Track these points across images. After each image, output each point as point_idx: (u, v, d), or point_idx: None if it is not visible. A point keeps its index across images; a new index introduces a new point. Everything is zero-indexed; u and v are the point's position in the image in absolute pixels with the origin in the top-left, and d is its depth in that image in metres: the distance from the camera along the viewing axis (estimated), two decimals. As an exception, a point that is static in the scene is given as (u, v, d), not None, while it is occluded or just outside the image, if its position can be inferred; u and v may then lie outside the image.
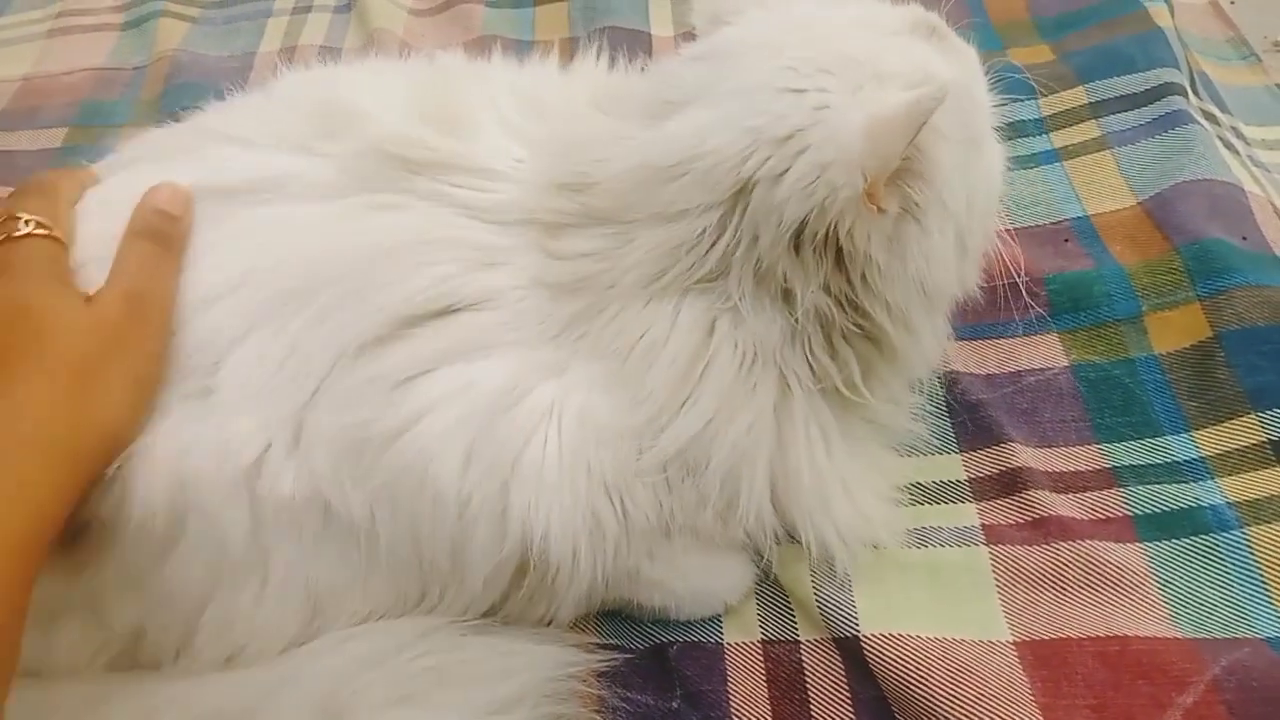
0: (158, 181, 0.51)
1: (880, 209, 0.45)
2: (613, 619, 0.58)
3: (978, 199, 0.51)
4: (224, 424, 0.46)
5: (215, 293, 0.48)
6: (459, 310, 0.47)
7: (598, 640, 0.57)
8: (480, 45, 0.96)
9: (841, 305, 0.49)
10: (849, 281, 0.48)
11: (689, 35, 0.96)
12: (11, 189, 0.54)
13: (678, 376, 0.47)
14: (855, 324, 0.50)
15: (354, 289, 0.46)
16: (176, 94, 0.95)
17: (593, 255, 0.48)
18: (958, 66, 0.51)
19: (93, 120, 0.98)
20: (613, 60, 0.60)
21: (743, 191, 0.46)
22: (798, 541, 0.53)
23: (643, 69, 0.59)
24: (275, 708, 0.48)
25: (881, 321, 0.49)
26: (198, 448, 0.45)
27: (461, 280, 0.47)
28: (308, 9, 1.09)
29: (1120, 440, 0.61)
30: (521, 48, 0.60)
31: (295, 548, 0.48)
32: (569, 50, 0.76)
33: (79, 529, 0.46)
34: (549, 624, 0.54)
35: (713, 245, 0.47)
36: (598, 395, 0.47)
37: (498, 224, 0.49)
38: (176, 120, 0.60)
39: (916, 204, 0.47)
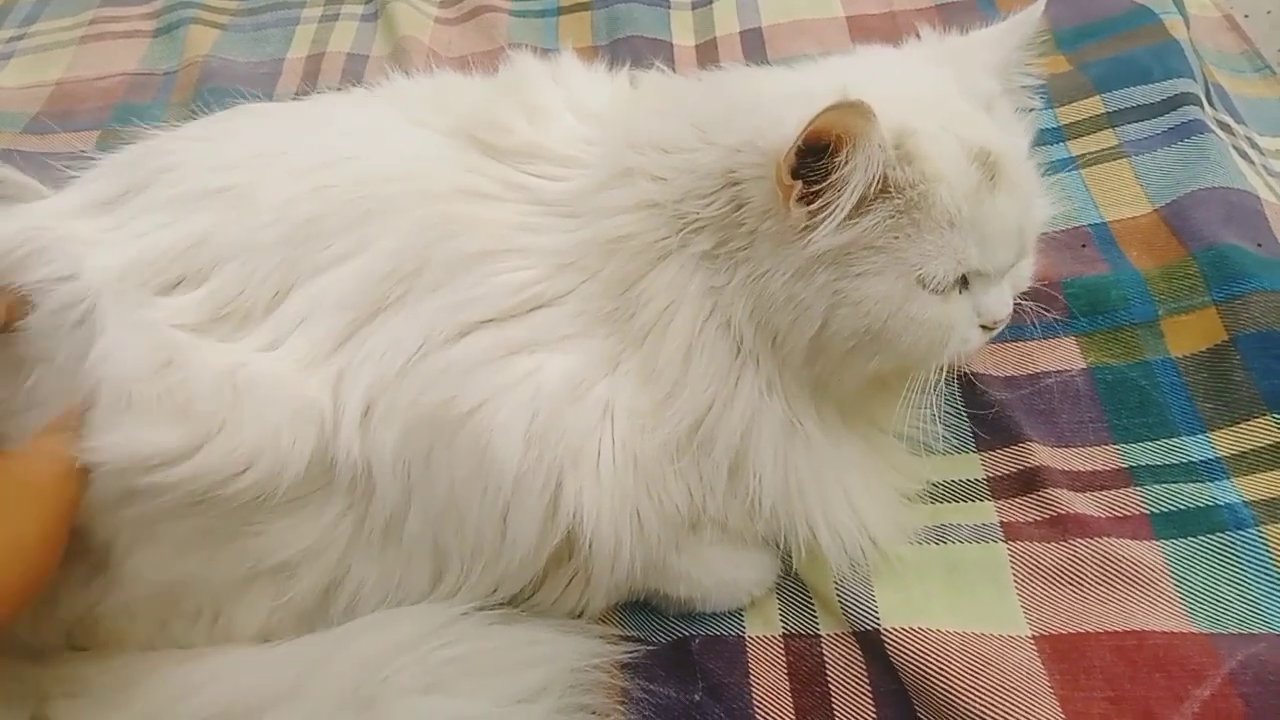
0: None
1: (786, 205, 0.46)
2: (636, 612, 0.59)
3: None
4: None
5: (329, 262, 0.49)
6: (538, 308, 0.49)
7: (621, 632, 0.58)
8: (505, 53, 0.97)
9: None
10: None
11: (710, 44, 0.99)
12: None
13: (683, 350, 0.49)
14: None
15: (450, 287, 0.49)
16: (206, 98, 0.97)
17: (627, 210, 0.50)
18: None
19: (126, 123, 0.98)
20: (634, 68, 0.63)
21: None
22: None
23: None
24: (310, 692, 0.50)
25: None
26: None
27: (544, 286, 0.50)
28: (335, 16, 1.11)
29: (1137, 441, 0.62)
30: (546, 56, 0.62)
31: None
32: (592, 58, 0.78)
33: None
34: (579, 615, 0.56)
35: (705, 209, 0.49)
36: (641, 383, 0.49)
37: (572, 216, 0.51)
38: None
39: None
